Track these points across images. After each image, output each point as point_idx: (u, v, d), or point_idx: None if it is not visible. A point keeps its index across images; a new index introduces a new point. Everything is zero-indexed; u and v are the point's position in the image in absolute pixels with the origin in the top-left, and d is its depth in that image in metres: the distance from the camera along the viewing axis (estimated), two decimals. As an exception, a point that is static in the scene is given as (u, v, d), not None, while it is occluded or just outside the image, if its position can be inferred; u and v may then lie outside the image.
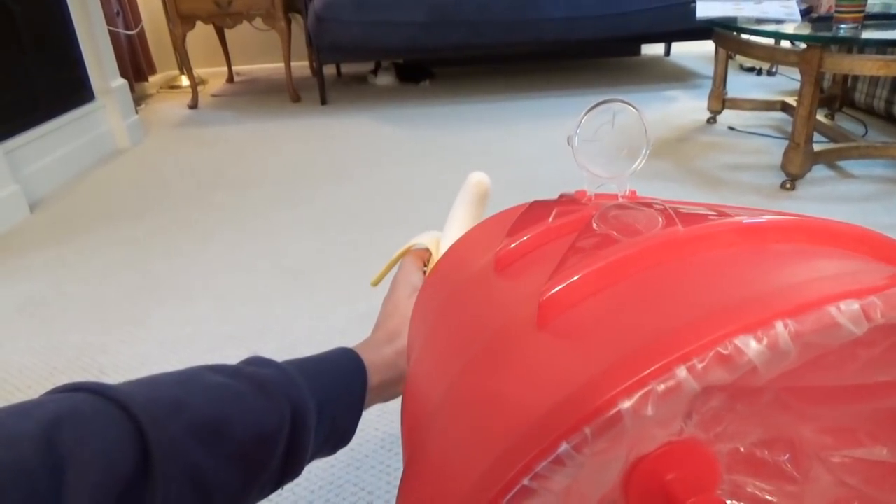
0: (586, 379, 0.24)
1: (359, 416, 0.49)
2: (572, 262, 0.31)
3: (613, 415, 0.22)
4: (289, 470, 0.42)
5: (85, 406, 0.34)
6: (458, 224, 0.61)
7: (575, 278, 0.29)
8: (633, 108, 0.41)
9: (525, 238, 0.38)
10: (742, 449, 0.32)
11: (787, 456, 0.32)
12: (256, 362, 0.45)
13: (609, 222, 0.35)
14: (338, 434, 0.47)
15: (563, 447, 0.22)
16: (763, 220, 0.31)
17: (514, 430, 0.25)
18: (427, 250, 0.62)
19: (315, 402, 0.43)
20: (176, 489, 0.34)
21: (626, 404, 0.22)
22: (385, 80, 3.22)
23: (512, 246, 0.37)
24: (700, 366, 0.22)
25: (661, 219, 0.33)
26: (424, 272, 0.61)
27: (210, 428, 0.37)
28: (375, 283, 0.66)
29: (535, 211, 0.42)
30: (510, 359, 0.29)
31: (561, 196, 0.47)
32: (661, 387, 0.22)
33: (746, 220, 0.31)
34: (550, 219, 0.39)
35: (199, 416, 0.37)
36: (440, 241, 0.61)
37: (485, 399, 0.28)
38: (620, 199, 0.41)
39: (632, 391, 0.22)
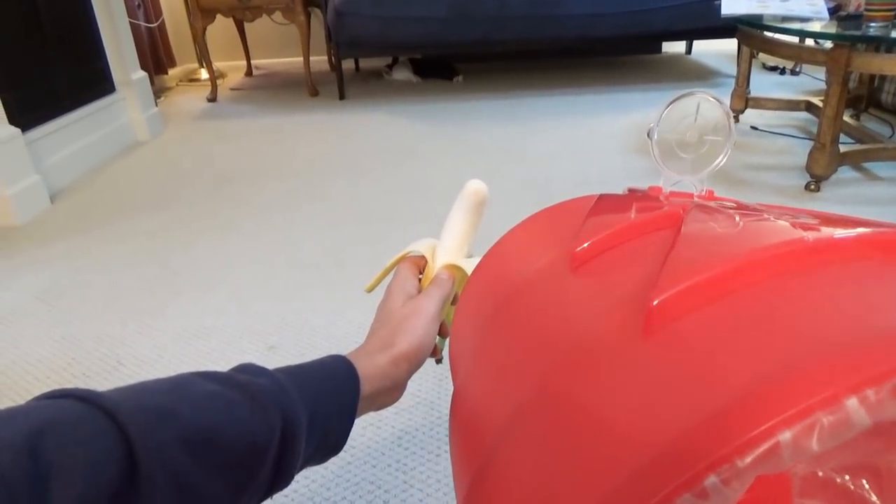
0: (729, 401, 0.21)
1: (350, 426, 0.48)
2: (680, 265, 0.27)
3: (771, 446, 0.19)
4: (278, 479, 0.41)
5: (71, 414, 0.33)
6: (455, 232, 0.60)
7: (689, 283, 0.26)
8: (718, 101, 0.39)
9: (604, 234, 0.34)
10: (820, 473, 0.29)
11: (871, 484, 0.29)
12: (248, 370, 0.44)
13: (708, 223, 0.31)
14: (329, 443, 0.47)
15: (711, 479, 0.19)
16: (889, 232, 0.28)
17: (636, 453, 0.22)
18: (423, 258, 0.61)
19: (307, 412, 0.43)
20: (163, 498, 0.33)
21: (787, 436, 0.19)
22: (401, 75, 3.22)
23: (590, 242, 0.34)
24: (874, 398, 0.19)
25: (768, 222, 0.30)
26: (420, 279, 0.60)
27: (199, 437, 0.36)
28: (370, 290, 0.65)
29: (608, 206, 0.39)
30: (612, 369, 0.26)
31: (630, 190, 0.45)
32: (829, 419, 0.19)
33: (872, 231, 0.28)
34: (631, 216, 0.35)
35: (188, 425, 0.36)
36: (436, 249, 0.61)
37: (584, 413, 0.25)
38: (696, 198, 0.39)
39: (793, 421, 0.19)
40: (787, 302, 0.25)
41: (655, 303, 0.26)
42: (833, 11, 1.76)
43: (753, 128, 2.16)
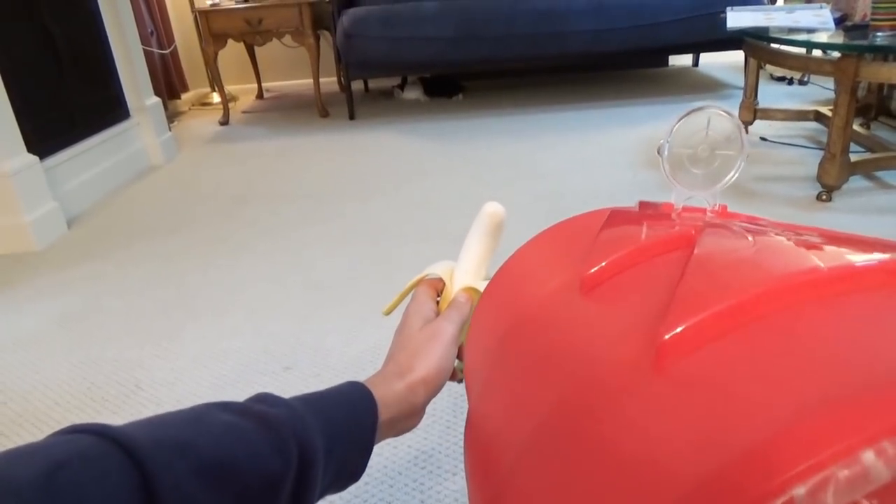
0: (741, 453, 0.20)
1: (369, 454, 0.47)
2: (690, 297, 0.26)
3: (785, 502, 0.18)
4: None
5: (87, 450, 0.33)
6: (472, 255, 0.61)
7: (699, 317, 0.25)
8: (729, 115, 0.38)
9: (615, 257, 0.33)
10: None
11: None
12: (265, 400, 0.44)
13: (720, 246, 0.30)
14: (346, 472, 0.46)
15: None
16: None
17: (650, 499, 0.21)
18: (440, 280, 0.61)
19: (324, 442, 0.43)
20: None
21: (801, 491, 0.18)
22: (412, 94, 3.25)
23: (600, 265, 0.33)
24: (892, 450, 0.18)
25: (782, 246, 0.29)
26: (437, 302, 0.60)
27: (217, 469, 0.36)
28: (388, 313, 0.65)
29: (619, 224, 0.38)
30: (622, 404, 0.25)
31: (641, 205, 0.44)
32: (844, 473, 0.18)
33: (892, 256, 0.26)
34: (642, 236, 0.35)
35: (205, 458, 0.36)
36: (454, 272, 0.61)
37: (593, 452, 0.25)
38: (709, 215, 0.39)
39: (807, 475, 0.18)
40: (801, 339, 0.24)
41: (666, 338, 0.25)
42: (839, 21, 1.76)
43: (763, 139, 2.16)
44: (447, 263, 0.62)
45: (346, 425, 0.46)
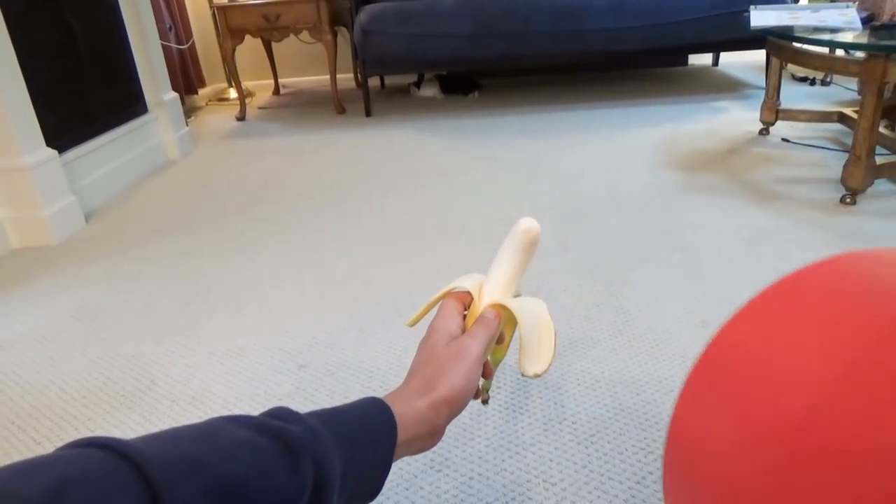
0: None
1: (386, 474, 0.46)
2: None
3: None
4: None
5: (95, 466, 0.32)
6: (504, 270, 0.59)
7: None
8: None
9: None
10: None
11: None
12: (281, 415, 0.43)
13: None
14: (363, 493, 0.45)
15: None
16: None
17: None
18: (468, 294, 0.59)
19: (341, 462, 0.41)
20: None
21: None
22: (428, 91, 3.24)
23: None
24: None
25: None
26: (465, 317, 0.58)
27: (228, 490, 0.36)
28: (412, 324, 0.63)
29: None
30: None
31: None
32: None
33: None
34: None
35: (217, 477, 0.35)
36: (483, 286, 0.59)
37: None
38: None
39: None
40: None
41: None
42: (866, 21, 1.73)
43: (785, 140, 2.13)
44: (476, 277, 0.60)
45: (364, 445, 0.45)
